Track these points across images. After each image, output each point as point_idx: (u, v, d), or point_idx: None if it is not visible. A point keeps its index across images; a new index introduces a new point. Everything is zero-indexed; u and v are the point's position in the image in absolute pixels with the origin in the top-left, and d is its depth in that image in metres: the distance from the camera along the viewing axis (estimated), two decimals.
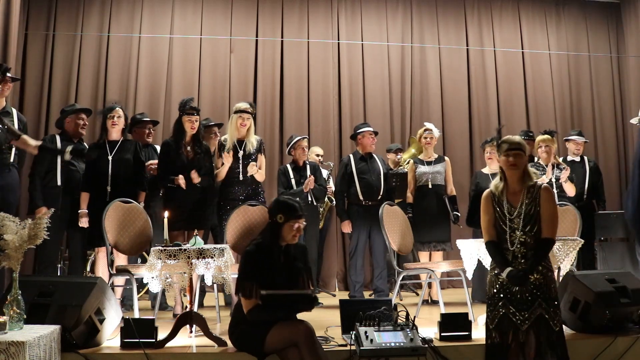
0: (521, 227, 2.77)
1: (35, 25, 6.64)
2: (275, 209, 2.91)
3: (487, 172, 5.22)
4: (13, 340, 2.47)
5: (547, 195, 2.78)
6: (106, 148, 4.42)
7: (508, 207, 2.81)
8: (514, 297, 2.75)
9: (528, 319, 2.69)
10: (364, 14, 7.24)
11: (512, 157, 2.80)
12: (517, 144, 2.84)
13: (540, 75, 7.48)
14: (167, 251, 3.27)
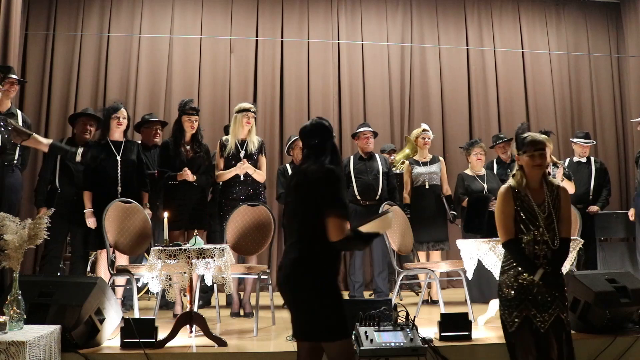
0: (546, 225, 2.66)
1: (35, 25, 6.64)
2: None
3: (472, 174, 5.23)
4: (13, 340, 2.47)
5: (566, 195, 2.74)
6: (111, 148, 4.41)
7: (533, 204, 2.68)
8: (534, 299, 2.64)
9: (548, 320, 2.62)
10: (364, 14, 7.24)
11: (538, 158, 2.69)
12: (543, 144, 2.73)
13: (540, 75, 7.49)
14: (167, 251, 3.27)
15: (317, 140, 2.42)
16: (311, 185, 2.35)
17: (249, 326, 3.77)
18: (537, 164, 2.70)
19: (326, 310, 2.30)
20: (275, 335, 3.58)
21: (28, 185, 5.88)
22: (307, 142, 2.46)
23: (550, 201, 2.67)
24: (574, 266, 4.02)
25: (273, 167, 6.27)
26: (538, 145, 2.70)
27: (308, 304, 2.32)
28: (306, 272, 2.31)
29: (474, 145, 5.26)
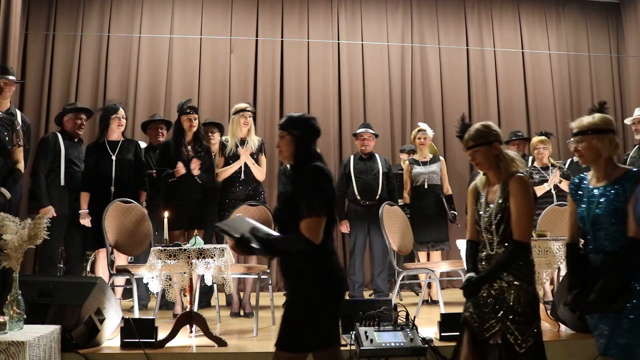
0: (486, 226, 2.40)
1: (35, 25, 6.64)
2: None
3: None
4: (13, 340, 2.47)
5: (515, 187, 2.34)
6: (107, 148, 4.42)
7: (484, 204, 2.44)
8: (477, 303, 2.39)
9: (486, 330, 2.34)
10: (364, 14, 7.24)
11: (472, 157, 2.48)
12: (470, 142, 2.45)
13: (540, 75, 7.48)
14: (167, 251, 3.27)
15: (299, 131, 2.30)
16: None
17: (249, 326, 3.77)
18: (474, 162, 2.50)
19: (299, 319, 2.17)
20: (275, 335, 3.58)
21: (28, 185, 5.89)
22: (288, 130, 2.32)
23: (500, 201, 2.37)
24: None
25: (273, 167, 6.27)
26: (467, 145, 2.46)
27: (288, 310, 2.23)
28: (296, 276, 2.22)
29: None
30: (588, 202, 2.31)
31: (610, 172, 2.30)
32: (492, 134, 2.43)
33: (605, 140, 2.32)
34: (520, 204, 2.33)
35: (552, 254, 3.63)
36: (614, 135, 2.34)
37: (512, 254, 2.32)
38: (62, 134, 4.63)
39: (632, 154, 5.16)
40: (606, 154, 2.31)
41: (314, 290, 2.16)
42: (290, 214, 2.19)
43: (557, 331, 3.52)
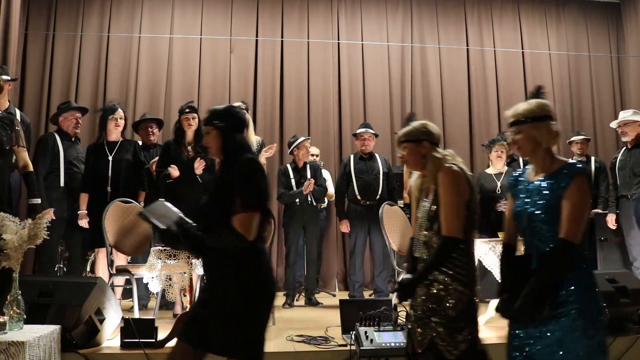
0: (427, 224, 2.26)
1: (35, 25, 6.64)
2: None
3: (491, 172, 5.22)
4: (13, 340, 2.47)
5: (442, 178, 2.21)
6: (105, 149, 4.42)
7: (420, 202, 2.35)
8: (415, 309, 2.25)
9: (421, 340, 2.18)
10: (364, 14, 7.24)
11: (400, 151, 2.38)
12: (400, 136, 2.37)
13: (540, 75, 7.48)
14: (167, 251, 3.27)
15: (225, 124, 2.18)
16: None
17: None
18: (402, 158, 2.40)
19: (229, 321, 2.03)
20: (275, 335, 3.58)
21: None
22: (212, 124, 2.20)
23: (431, 197, 2.25)
24: None
25: (273, 167, 6.26)
26: (398, 139, 2.39)
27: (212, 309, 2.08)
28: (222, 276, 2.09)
29: (495, 142, 5.26)
30: (525, 197, 2.09)
31: (549, 165, 2.08)
32: (424, 133, 2.32)
33: (543, 128, 2.08)
34: (447, 196, 2.19)
35: None
36: (552, 123, 2.11)
37: (440, 251, 2.16)
38: (59, 134, 4.63)
39: (620, 157, 5.17)
40: (545, 144, 2.09)
41: (239, 292, 2.03)
42: (219, 209, 2.06)
43: None
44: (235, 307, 2.02)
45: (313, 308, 5.04)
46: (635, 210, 4.90)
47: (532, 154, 2.12)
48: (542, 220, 2.00)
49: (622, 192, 5.03)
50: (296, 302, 5.22)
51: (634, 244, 4.92)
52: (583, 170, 2.00)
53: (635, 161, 4.97)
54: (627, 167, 5.02)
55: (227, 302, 2.03)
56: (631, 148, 5.07)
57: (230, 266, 2.06)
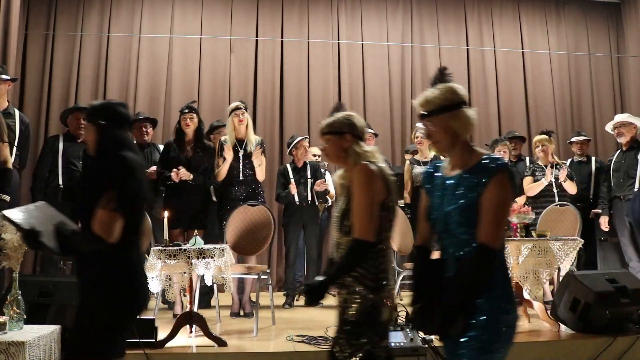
0: (337, 223, 2.13)
1: (35, 25, 6.64)
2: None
3: None
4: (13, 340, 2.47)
5: (355, 177, 2.06)
6: None
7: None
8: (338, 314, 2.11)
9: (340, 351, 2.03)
10: (364, 14, 7.24)
11: (322, 143, 2.25)
12: (326, 127, 2.21)
13: (540, 75, 7.48)
14: (167, 251, 3.27)
15: (104, 120, 2.07)
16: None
17: (249, 326, 3.77)
18: (323, 153, 2.27)
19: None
20: (275, 335, 3.58)
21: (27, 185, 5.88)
22: (92, 120, 2.11)
23: (344, 196, 2.12)
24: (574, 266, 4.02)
25: (273, 167, 6.26)
26: (321, 130, 2.23)
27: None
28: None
29: (498, 142, 5.26)
30: (440, 195, 1.83)
31: (467, 158, 1.81)
32: (347, 125, 2.17)
33: (461, 117, 1.85)
34: (358, 195, 2.02)
35: (552, 254, 3.63)
36: (467, 108, 1.88)
37: (349, 254, 2.00)
38: (65, 135, 4.67)
39: (614, 159, 5.20)
40: (464, 135, 1.86)
41: (102, 299, 1.93)
42: (87, 209, 1.94)
43: (557, 331, 3.52)
44: (86, 315, 1.92)
45: (313, 308, 5.04)
46: (627, 212, 4.95)
47: (450, 149, 1.86)
48: (457, 222, 1.75)
49: (616, 194, 5.09)
50: (296, 302, 5.22)
51: (627, 244, 4.97)
52: (504, 166, 1.75)
53: (630, 163, 5.04)
54: (622, 169, 5.07)
55: (82, 309, 1.94)
56: (626, 150, 5.12)
57: (90, 271, 1.96)
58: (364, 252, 2.01)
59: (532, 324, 3.79)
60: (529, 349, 3.24)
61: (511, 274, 3.68)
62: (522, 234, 3.77)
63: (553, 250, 3.65)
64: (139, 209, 2.00)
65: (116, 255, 1.94)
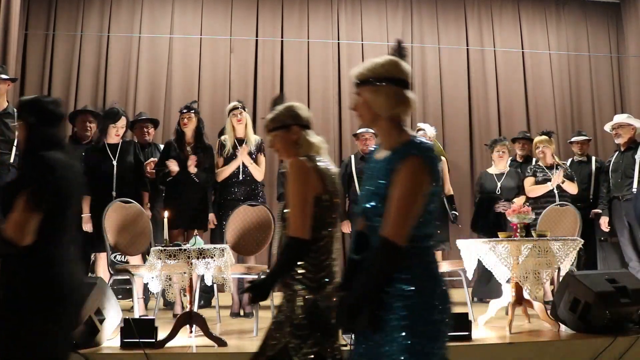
0: (279, 218, 2.09)
1: (35, 25, 6.64)
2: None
3: (493, 172, 5.22)
4: None
5: (288, 172, 2.00)
6: (107, 152, 4.40)
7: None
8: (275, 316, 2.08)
9: (274, 345, 1.97)
10: (364, 13, 7.24)
11: (270, 140, 2.17)
12: (270, 123, 2.13)
13: (540, 75, 7.48)
14: (167, 251, 3.27)
15: (32, 117, 1.98)
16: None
17: (249, 326, 3.77)
18: (273, 149, 2.19)
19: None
20: None
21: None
22: (22, 117, 2.03)
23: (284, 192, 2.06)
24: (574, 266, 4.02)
25: (273, 167, 6.26)
26: (266, 127, 2.15)
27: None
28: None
29: (497, 142, 5.27)
30: (366, 180, 1.72)
31: (393, 141, 1.65)
32: (292, 117, 2.10)
33: (381, 93, 1.70)
34: (291, 191, 1.94)
35: (552, 254, 3.63)
36: (397, 88, 1.72)
37: (284, 252, 1.95)
38: (71, 137, 4.69)
39: (613, 159, 5.22)
40: (385, 113, 1.67)
41: (25, 300, 1.82)
42: (8, 208, 1.85)
43: (557, 331, 3.52)
44: (10, 317, 1.81)
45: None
46: (626, 212, 4.96)
47: (373, 125, 1.73)
48: (373, 211, 1.61)
49: (614, 194, 5.11)
50: None
51: (627, 244, 4.99)
52: (421, 150, 1.58)
53: (627, 163, 5.07)
54: (620, 169, 5.09)
55: (5, 312, 1.83)
56: (624, 151, 5.14)
57: (10, 271, 1.87)
58: (298, 250, 1.92)
59: (532, 324, 3.79)
60: (529, 349, 3.25)
61: (511, 274, 3.68)
62: (522, 234, 3.77)
63: (553, 250, 3.65)
64: (62, 207, 1.90)
65: (37, 254, 1.84)
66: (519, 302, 3.70)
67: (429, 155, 1.59)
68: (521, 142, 5.65)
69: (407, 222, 1.53)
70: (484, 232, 4.98)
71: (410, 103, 1.70)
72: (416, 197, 1.54)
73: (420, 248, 1.58)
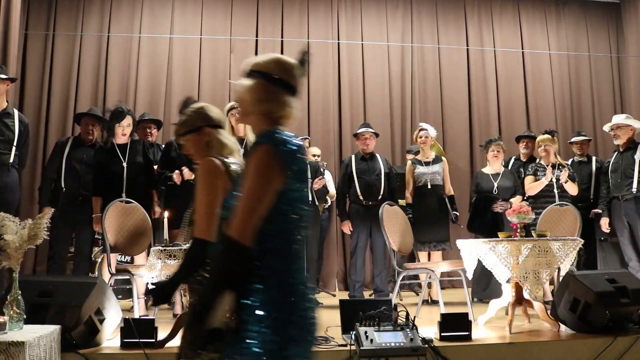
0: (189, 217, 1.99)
1: (35, 25, 6.64)
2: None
3: (488, 172, 5.22)
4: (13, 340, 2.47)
5: (198, 173, 1.94)
6: (117, 153, 4.40)
7: None
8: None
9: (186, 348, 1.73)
10: (364, 14, 7.24)
11: (183, 144, 2.14)
12: (181, 127, 2.09)
13: (540, 75, 7.48)
14: (167, 251, 3.27)
15: None
16: None
17: None
18: (187, 153, 2.13)
19: None
20: None
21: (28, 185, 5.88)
22: None
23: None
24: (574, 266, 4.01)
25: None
26: (176, 132, 2.11)
27: None
28: None
29: (491, 142, 5.28)
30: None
31: (257, 135, 1.57)
32: (201, 118, 2.04)
33: (251, 87, 1.56)
34: (199, 191, 1.89)
35: (552, 254, 3.63)
36: (269, 85, 1.55)
37: (188, 254, 1.86)
38: (75, 138, 4.70)
39: (613, 159, 5.22)
40: (251, 108, 1.56)
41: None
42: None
43: (557, 331, 3.52)
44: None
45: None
46: (626, 212, 4.97)
47: (244, 119, 1.63)
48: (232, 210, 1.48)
49: (614, 194, 5.11)
50: None
51: (627, 244, 4.99)
52: (272, 140, 1.45)
53: (627, 164, 5.07)
54: (619, 170, 5.10)
55: None
56: (623, 151, 5.14)
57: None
58: (203, 252, 1.80)
59: (532, 324, 3.79)
60: (529, 349, 3.24)
61: (511, 274, 3.68)
62: (522, 234, 3.77)
63: (553, 250, 3.65)
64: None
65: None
66: (519, 302, 3.70)
67: (285, 148, 1.44)
68: (524, 141, 5.65)
69: (251, 219, 1.40)
70: (481, 232, 4.98)
71: (283, 103, 1.54)
72: (261, 192, 1.40)
73: (275, 253, 1.45)
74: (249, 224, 1.40)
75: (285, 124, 1.55)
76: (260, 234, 1.41)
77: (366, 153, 5.23)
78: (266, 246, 1.43)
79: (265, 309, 1.40)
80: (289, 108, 1.55)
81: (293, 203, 1.46)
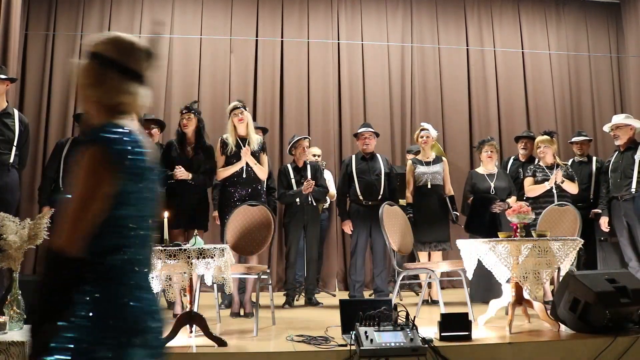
0: None
1: (35, 25, 6.64)
2: None
3: (483, 172, 5.23)
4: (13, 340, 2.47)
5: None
6: None
7: None
8: None
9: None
10: (364, 14, 7.24)
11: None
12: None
13: (540, 75, 7.48)
14: (167, 251, 3.27)
15: None
16: None
17: (249, 326, 3.77)
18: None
19: None
20: (275, 335, 3.58)
21: (28, 185, 5.89)
22: None
23: None
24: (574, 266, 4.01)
25: (273, 167, 6.26)
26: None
27: None
28: None
29: (485, 143, 5.28)
30: None
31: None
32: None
33: (83, 68, 1.41)
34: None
35: (552, 254, 3.63)
36: (99, 67, 1.39)
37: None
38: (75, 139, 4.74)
39: (613, 159, 5.23)
40: (81, 91, 1.44)
41: None
42: None
43: (557, 331, 3.52)
44: None
45: (313, 308, 5.04)
46: (625, 212, 4.97)
47: (84, 107, 1.48)
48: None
49: (614, 194, 5.12)
50: (296, 302, 5.22)
51: (626, 244, 4.99)
52: (102, 138, 1.30)
53: (627, 163, 5.08)
54: (619, 170, 5.10)
55: None
56: (623, 151, 5.15)
57: None
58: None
59: (532, 324, 3.79)
60: (529, 349, 3.24)
61: (511, 274, 3.68)
62: (522, 234, 3.77)
63: (553, 250, 3.65)
64: None
65: None
66: (519, 302, 3.70)
67: (116, 147, 1.31)
68: (523, 141, 5.66)
69: (76, 227, 1.27)
70: (478, 233, 4.97)
71: (117, 90, 1.38)
72: (87, 197, 1.28)
73: (106, 266, 1.32)
74: (75, 233, 1.27)
75: (130, 113, 1.39)
76: (92, 241, 1.29)
77: (366, 153, 5.23)
78: (98, 252, 1.31)
79: (90, 313, 1.28)
80: (129, 95, 1.38)
81: (129, 206, 1.34)
